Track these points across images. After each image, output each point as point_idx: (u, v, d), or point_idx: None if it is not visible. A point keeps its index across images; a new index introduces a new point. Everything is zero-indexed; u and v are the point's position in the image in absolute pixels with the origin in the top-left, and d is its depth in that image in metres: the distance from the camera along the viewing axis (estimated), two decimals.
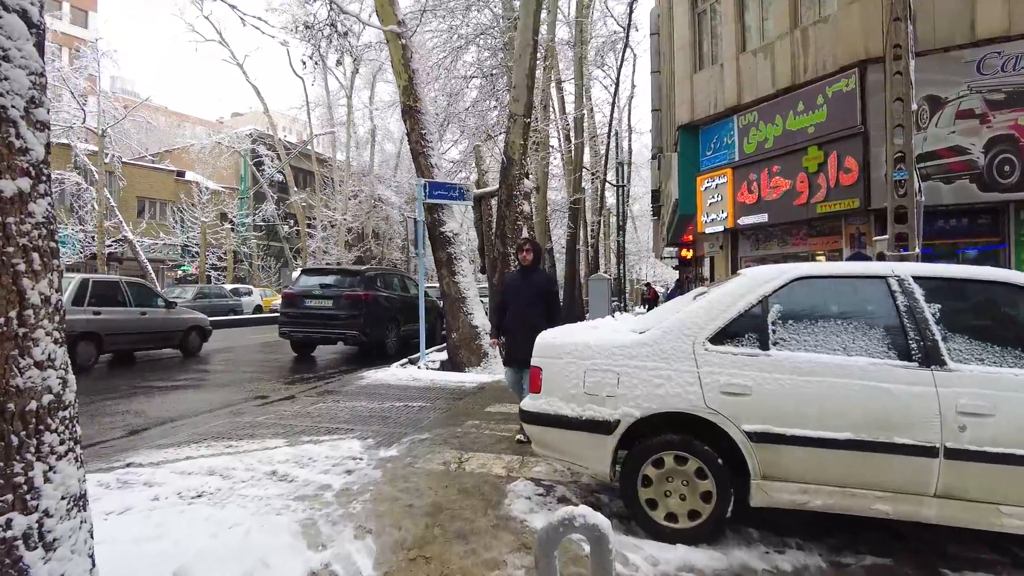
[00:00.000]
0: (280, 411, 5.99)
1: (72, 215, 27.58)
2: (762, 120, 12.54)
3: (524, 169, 11.32)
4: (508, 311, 5.18)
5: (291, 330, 10.92)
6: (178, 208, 32.97)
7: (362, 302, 10.69)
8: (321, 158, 40.35)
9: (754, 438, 2.95)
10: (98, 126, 25.23)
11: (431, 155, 9.52)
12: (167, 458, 4.26)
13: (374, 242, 42.36)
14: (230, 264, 34.27)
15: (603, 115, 30.22)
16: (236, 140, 37.26)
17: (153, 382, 8.25)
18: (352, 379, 8.13)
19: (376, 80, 39.13)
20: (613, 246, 38.85)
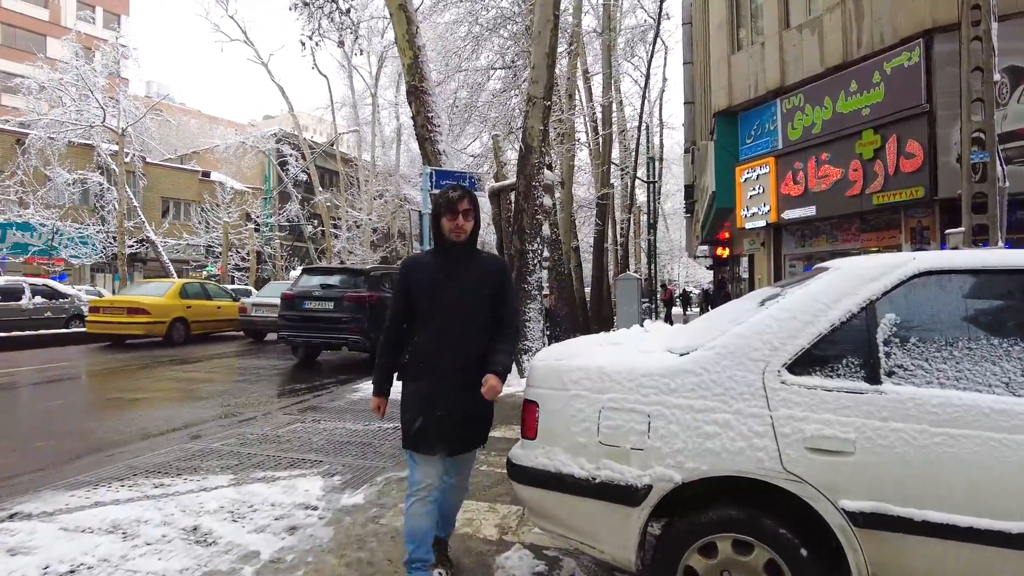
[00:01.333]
0: (245, 434, 5.06)
1: (94, 215, 27.36)
2: (809, 103, 11.33)
3: (544, 158, 10.30)
4: (422, 331, 2.66)
5: (289, 334, 10.05)
6: (202, 208, 32.71)
7: (366, 304, 9.77)
8: (346, 158, 40.03)
9: (860, 521, 1.89)
10: (118, 125, 24.92)
11: (438, 140, 8.56)
12: (69, 505, 3.34)
13: (400, 242, 41.90)
14: (253, 265, 33.84)
15: (633, 108, 29.06)
16: (260, 140, 36.96)
17: (128, 392, 7.44)
18: (344, 392, 7.20)
19: (401, 79, 38.49)
20: (644, 245, 37.59)
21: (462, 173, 8.55)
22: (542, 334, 10.18)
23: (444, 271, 2.60)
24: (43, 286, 15.34)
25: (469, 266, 2.64)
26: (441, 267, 2.61)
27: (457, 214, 2.58)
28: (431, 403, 2.57)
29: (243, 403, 6.73)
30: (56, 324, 14.78)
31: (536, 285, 10.07)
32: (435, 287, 2.59)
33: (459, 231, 2.59)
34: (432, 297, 2.58)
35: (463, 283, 2.60)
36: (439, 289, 2.58)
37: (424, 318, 2.62)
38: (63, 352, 12.10)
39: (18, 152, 24.73)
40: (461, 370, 2.57)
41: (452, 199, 2.61)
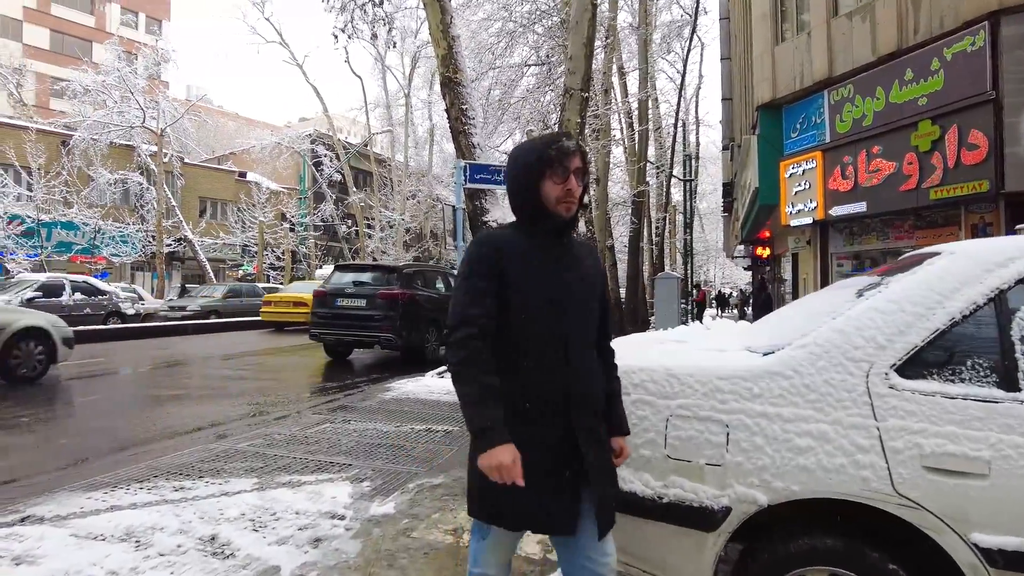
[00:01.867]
0: (272, 434, 4.85)
1: (134, 214, 27.90)
2: (859, 94, 10.78)
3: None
4: (527, 344, 1.66)
5: (321, 332, 9.90)
6: (238, 208, 33.16)
7: (398, 302, 9.56)
8: (380, 158, 40.29)
9: (998, 561, 1.54)
10: (158, 126, 25.38)
11: (472, 133, 8.29)
12: (84, 508, 3.14)
13: (432, 242, 41.98)
14: (288, 264, 34.19)
15: (669, 104, 28.47)
16: (296, 140, 37.40)
17: (163, 389, 7.35)
18: (376, 391, 6.97)
19: (435, 78, 38.59)
20: (679, 245, 36.92)
21: (498, 167, 8.26)
22: None
23: (557, 258, 1.71)
24: (83, 283, 15.60)
25: (578, 253, 1.80)
26: (549, 252, 1.70)
27: (569, 174, 1.67)
28: (561, 457, 1.63)
29: (273, 401, 6.55)
30: (95, 320, 14.98)
31: None
32: (550, 280, 1.68)
33: (571, 200, 1.69)
34: (548, 294, 1.67)
35: (583, 277, 1.77)
36: (556, 284, 1.69)
37: (532, 325, 1.65)
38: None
39: (63, 153, 25.34)
40: (594, 408, 1.72)
41: (564, 149, 1.68)
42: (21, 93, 35.06)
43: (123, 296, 16.28)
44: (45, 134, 25.86)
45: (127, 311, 16.12)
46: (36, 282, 14.48)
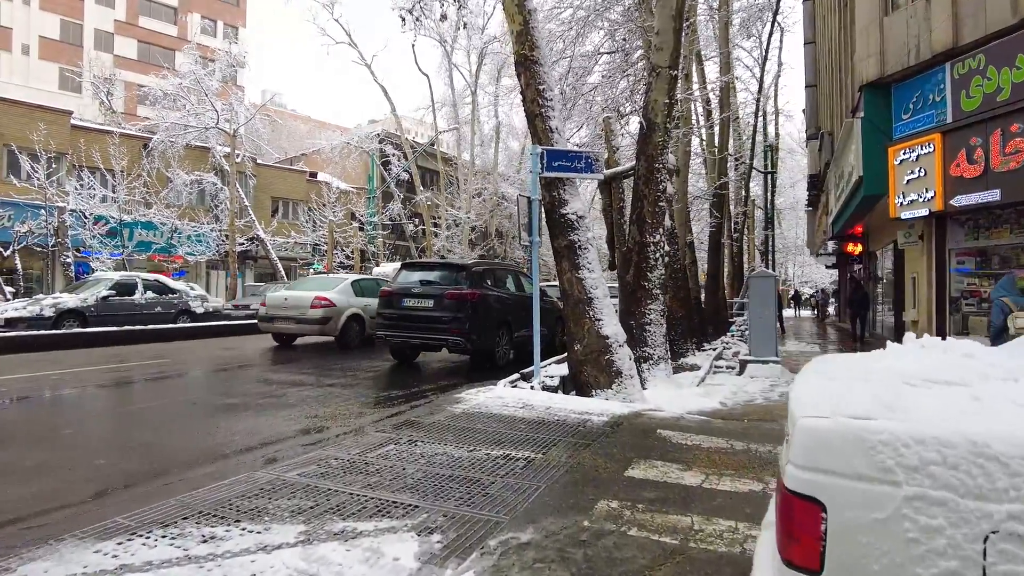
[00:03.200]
0: (328, 459, 4.16)
1: (209, 214, 28.56)
2: (993, 64, 9.34)
3: (668, 136, 8.99)
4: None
5: (387, 333, 9.32)
6: (309, 208, 33.57)
7: (468, 302, 8.86)
8: (446, 157, 40.23)
9: None
10: (231, 127, 25.82)
11: (550, 116, 7.46)
12: (87, 569, 2.49)
13: (497, 241, 41.62)
14: (357, 262, 34.38)
15: (749, 92, 26.78)
16: (364, 140, 37.67)
17: (220, 396, 6.88)
18: (446, 402, 6.24)
19: (501, 75, 38.35)
20: (757, 242, 34.99)
21: (579, 152, 7.41)
22: (664, 340, 8.86)
23: None
24: (154, 281, 15.75)
25: None
26: None
27: None
28: None
29: (332, 414, 5.92)
30: (165, 319, 15.10)
31: (658, 283, 8.76)
32: None
33: None
34: None
35: None
36: None
37: None
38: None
39: (143, 155, 26.15)
40: None
41: None
42: (111, 101, 36.78)
43: (193, 295, 16.38)
44: (128, 138, 26.76)
45: (196, 309, 16.16)
46: (111, 280, 14.69)
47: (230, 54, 28.16)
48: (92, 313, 13.67)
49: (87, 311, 13.62)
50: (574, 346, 7.21)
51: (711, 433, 5.28)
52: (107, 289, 14.22)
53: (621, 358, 7.06)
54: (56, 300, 13.43)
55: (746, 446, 4.85)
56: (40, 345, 11.30)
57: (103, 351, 11.12)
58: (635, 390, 7.02)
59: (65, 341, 11.75)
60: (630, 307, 8.57)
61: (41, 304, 13.09)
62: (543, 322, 11.05)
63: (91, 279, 15.55)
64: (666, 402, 7.32)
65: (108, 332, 12.52)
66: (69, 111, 25.72)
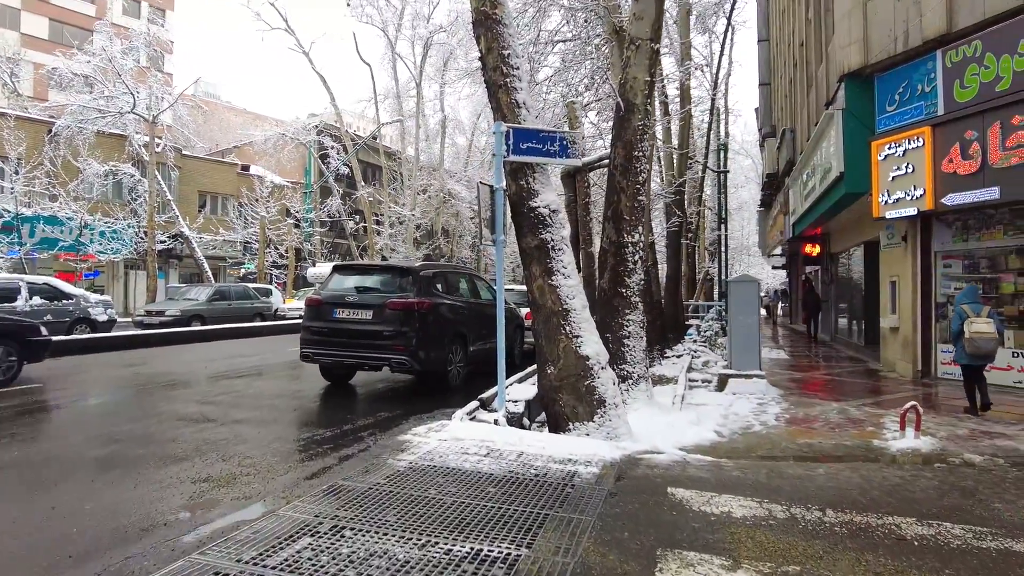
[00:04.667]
0: (219, 565, 2.69)
1: (125, 208, 25.87)
2: (991, 51, 8.60)
3: (650, 119, 7.77)
4: None
5: (315, 351, 7.73)
6: (239, 203, 31.13)
7: (414, 313, 7.39)
8: (389, 151, 38.54)
9: None
10: (148, 112, 23.37)
11: (516, 88, 6.11)
12: None
13: (443, 239, 40.25)
14: (292, 262, 32.18)
15: (704, 88, 26.14)
16: (301, 132, 35.48)
17: (90, 443, 5.22)
18: (387, 449, 4.80)
19: (447, 67, 36.93)
20: (707, 243, 34.65)
21: (552, 132, 6.08)
22: (645, 355, 7.64)
23: None
24: (44, 285, 13.59)
25: None
26: None
27: None
28: None
29: (231, 473, 4.39)
30: (57, 329, 12.93)
31: (637, 289, 7.54)
32: None
33: None
34: None
35: None
36: None
37: None
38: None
39: (46, 142, 23.39)
40: None
41: None
42: (16, 84, 33.25)
43: (93, 300, 14.31)
44: (28, 122, 23.91)
45: (98, 317, 14.08)
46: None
47: (148, 33, 25.56)
48: None
49: None
50: (546, 368, 5.88)
51: (734, 489, 4.06)
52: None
53: (604, 383, 5.77)
54: None
55: (787, 511, 3.65)
56: None
57: None
58: (620, 422, 5.74)
59: None
60: (605, 318, 7.30)
61: None
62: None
63: None
64: (658, 434, 6.09)
65: None
66: None
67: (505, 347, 5.95)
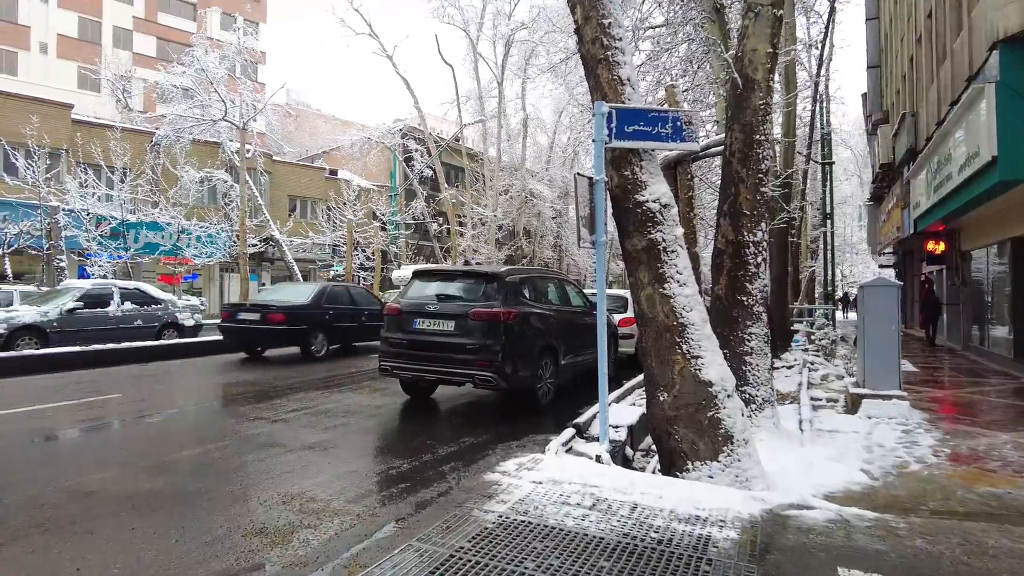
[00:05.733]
0: None
1: (219, 212, 26.77)
2: None
3: (771, 97, 6.64)
4: None
5: (394, 365, 7.08)
6: (328, 206, 31.73)
7: (500, 324, 6.60)
8: (471, 153, 38.41)
9: None
10: (239, 119, 23.98)
11: (619, 62, 5.19)
12: None
13: (525, 240, 39.64)
14: (378, 264, 32.43)
15: (806, 72, 24.11)
16: (386, 136, 35.83)
17: (141, 473, 4.75)
18: (473, 491, 4.01)
19: (529, 64, 36.33)
20: (808, 241, 32.21)
21: (662, 111, 5.13)
22: (770, 375, 6.52)
23: None
24: (134, 290, 13.77)
25: None
26: None
27: None
28: None
29: (291, 521, 3.72)
30: (147, 334, 13.14)
31: (760, 297, 6.44)
32: None
33: None
34: None
35: None
36: None
37: None
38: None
39: (148, 151, 24.50)
40: None
41: None
42: (128, 99, 35.43)
43: (180, 305, 14.59)
44: (134, 133, 25.14)
45: (185, 322, 14.24)
46: (80, 289, 12.68)
47: (239, 42, 26.36)
48: (55, 329, 11.73)
49: (48, 327, 11.66)
50: (658, 395, 4.92)
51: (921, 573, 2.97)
52: (74, 300, 12.28)
53: (731, 415, 4.74)
54: (9, 315, 11.48)
55: None
56: None
57: (50, 380, 9.14)
58: (751, 463, 4.70)
59: (12, 366, 9.78)
60: (722, 331, 6.23)
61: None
62: (593, 343, 8.78)
63: (60, 288, 13.64)
64: (795, 476, 5.01)
65: (63, 354, 10.50)
66: (70, 104, 24.13)
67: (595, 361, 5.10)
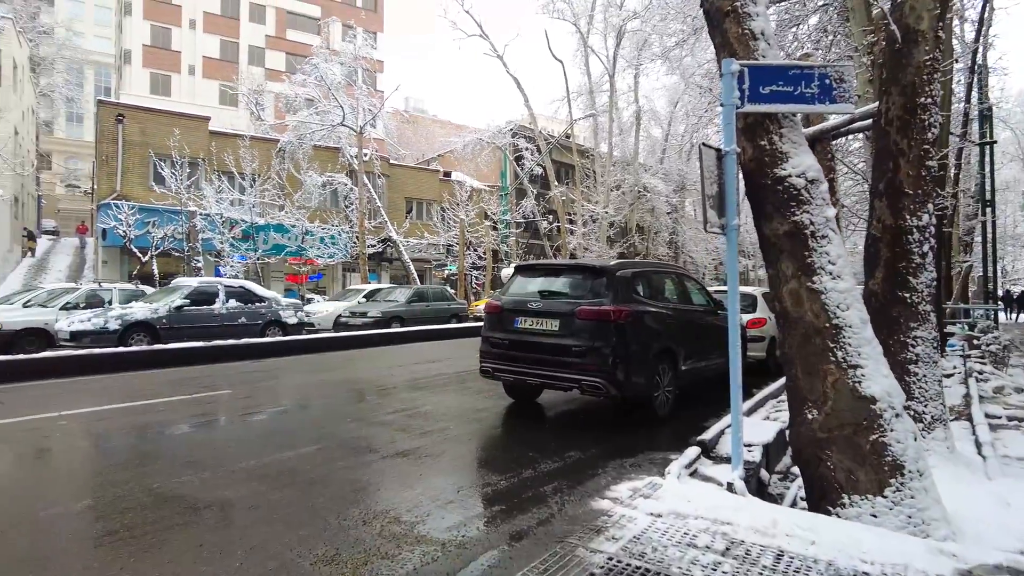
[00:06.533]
0: None
1: (340, 215, 27.95)
2: None
3: (939, 52, 5.46)
4: None
5: (495, 366, 6.56)
6: (442, 207, 32.35)
7: (610, 324, 5.89)
8: (582, 149, 37.73)
9: None
10: (357, 123, 24.80)
11: (751, 14, 4.36)
12: None
13: (638, 237, 38.29)
14: (489, 263, 32.51)
15: (956, 40, 21.20)
16: (497, 136, 35.95)
17: (221, 481, 4.55)
18: (578, 522, 3.39)
19: (641, 55, 34.99)
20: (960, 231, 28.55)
21: (806, 67, 4.24)
22: (940, 388, 5.37)
23: None
24: (239, 288, 14.05)
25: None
26: None
27: None
28: None
29: (367, 548, 3.27)
30: (250, 331, 13.43)
31: (926, 294, 5.30)
32: None
33: None
34: None
35: None
36: None
37: None
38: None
39: (274, 157, 25.99)
40: None
41: None
42: (260, 112, 38.29)
43: (284, 303, 14.71)
44: (262, 141, 26.77)
45: (288, 320, 14.34)
46: (189, 287, 13.14)
47: (355, 50, 27.43)
48: (164, 326, 12.21)
49: (158, 323, 12.15)
50: (805, 412, 4.05)
51: None
52: (182, 298, 12.73)
53: (901, 439, 3.79)
54: (123, 311, 12.03)
55: None
56: (91, 366, 9.63)
57: (173, 373, 9.52)
58: (928, 501, 3.72)
59: (122, 361, 10.16)
60: (880, 334, 5.18)
61: (107, 316, 11.73)
62: (716, 346, 7.84)
63: (170, 286, 14.19)
64: (987, 520, 3.95)
65: (170, 350, 10.83)
66: (207, 117, 26.02)
67: (722, 366, 4.35)
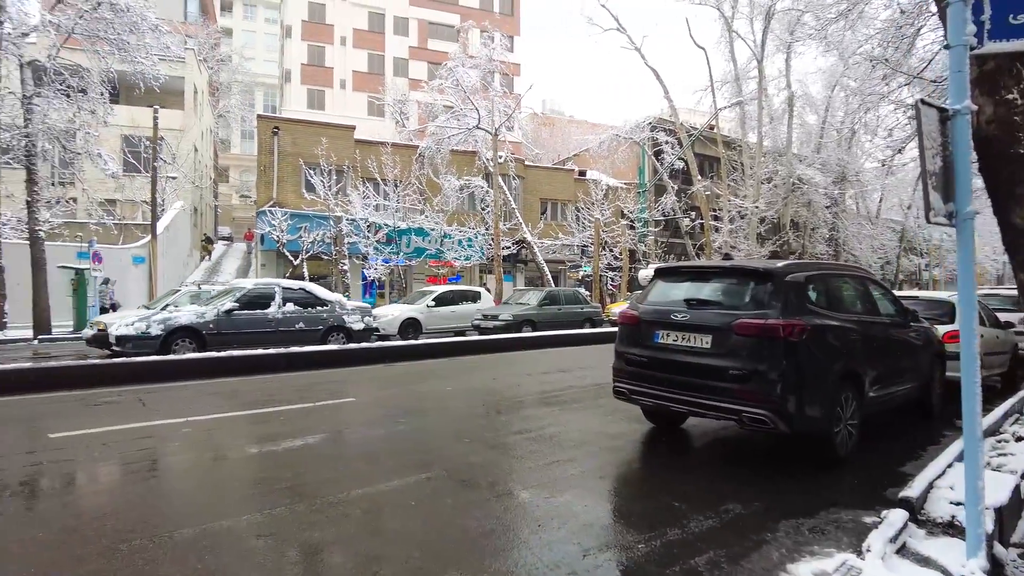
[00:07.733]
0: None
1: (476, 217, 28.25)
2: None
3: None
4: None
5: (630, 388, 5.60)
6: (576, 207, 31.64)
7: (780, 342, 4.72)
8: (727, 140, 35.31)
9: None
10: (492, 125, 24.82)
11: None
12: None
13: (792, 233, 35.00)
14: (625, 264, 31.27)
15: None
16: (635, 131, 34.57)
17: (304, 527, 4.06)
18: None
19: (795, 36, 31.97)
20: None
21: None
22: None
23: None
24: (299, 290, 13.04)
25: None
26: None
27: None
28: None
29: None
30: (311, 338, 12.41)
31: None
32: None
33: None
34: None
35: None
36: None
37: None
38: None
39: (415, 163, 26.76)
40: None
41: None
42: (405, 120, 40.09)
43: (349, 307, 13.60)
44: (403, 148, 27.68)
45: (353, 326, 13.23)
46: (242, 290, 12.29)
47: (490, 53, 27.57)
48: (211, 331, 11.35)
49: (204, 329, 11.32)
50: None
51: None
52: (232, 301, 11.82)
53: None
54: (168, 315, 11.35)
55: None
56: (120, 377, 8.83)
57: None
58: None
59: (160, 370, 9.31)
60: None
61: (150, 320, 11.10)
62: (909, 367, 6.34)
63: (225, 288, 13.42)
64: None
65: (211, 359, 9.83)
66: (352, 126, 27.29)
67: (912, 391, 3.14)
